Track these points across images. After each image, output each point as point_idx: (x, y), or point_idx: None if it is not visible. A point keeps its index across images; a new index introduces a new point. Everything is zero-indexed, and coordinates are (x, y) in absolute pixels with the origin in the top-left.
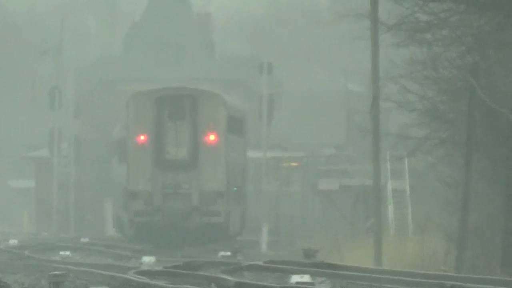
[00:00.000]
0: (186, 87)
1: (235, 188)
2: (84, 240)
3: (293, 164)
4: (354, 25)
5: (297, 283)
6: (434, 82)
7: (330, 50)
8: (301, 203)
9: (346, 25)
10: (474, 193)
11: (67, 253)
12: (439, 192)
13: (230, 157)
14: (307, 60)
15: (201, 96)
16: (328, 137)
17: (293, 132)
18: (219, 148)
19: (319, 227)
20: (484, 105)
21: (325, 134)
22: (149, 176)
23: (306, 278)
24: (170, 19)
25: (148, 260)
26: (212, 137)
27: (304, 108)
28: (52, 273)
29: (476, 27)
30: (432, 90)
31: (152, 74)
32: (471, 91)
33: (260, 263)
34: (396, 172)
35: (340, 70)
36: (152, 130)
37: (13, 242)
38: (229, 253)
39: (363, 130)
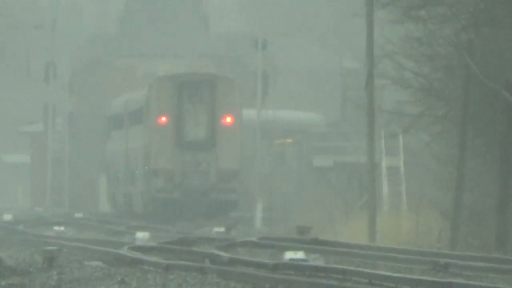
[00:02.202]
0: (204, 72)
1: None
2: (78, 215)
3: (288, 140)
4: (349, 1)
5: (291, 259)
6: (429, 59)
7: (325, 26)
8: (295, 180)
9: (341, 2)
10: (468, 171)
11: (61, 228)
12: (433, 170)
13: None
14: (302, 36)
15: (218, 81)
16: (322, 113)
17: (287, 108)
18: (235, 129)
19: (313, 203)
20: (479, 83)
21: (319, 110)
22: (170, 155)
23: (299, 254)
24: None
25: (142, 235)
26: (228, 119)
27: (298, 85)
28: (46, 248)
29: (471, 5)
30: (427, 67)
31: (147, 50)
32: (466, 68)
33: (254, 239)
34: (391, 149)
35: (335, 46)
36: (173, 112)
37: (7, 217)
38: (223, 229)
39: (358, 107)
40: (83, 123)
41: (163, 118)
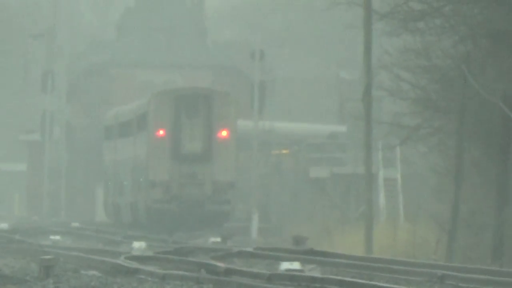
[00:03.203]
0: (201, 87)
1: None
2: (75, 224)
3: (284, 151)
4: (347, 12)
5: (287, 270)
6: (426, 71)
7: (322, 37)
8: (291, 191)
9: (338, 13)
10: (466, 183)
11: (58, 237)
12: (430, 181)
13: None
14: (300, 47)
15: (214, 95)
16: (320, 124)
17: (285, 119)
18: (230, 143)
19: (310, 214)
20: (476, 95)
21: (317, 121)
22: (167, 167)
23: (295, 265)
24: (163, 4)
25: (138, 245)
26: (224, 133)
27: (296, 95)
28: (42, 257)
29: (469, 17)
30: (424, 79)
31: (145, 59)
32: (463, 80)
33: (250, 249)
34: (388, 161)
35: (332, 57)
36: (170, 125)
37: (3, 225)
38: (219, 239)
39: (355, 118)
40: (80, 132)
41: (161, 132)
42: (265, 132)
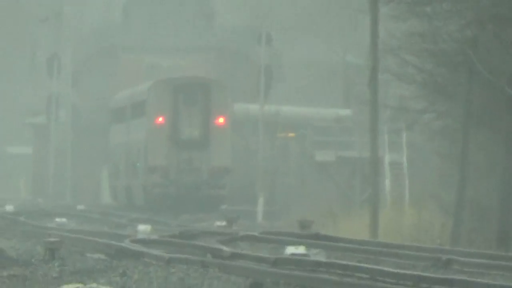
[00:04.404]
0: (199, 76)
1: None
2: (80, 207)
3: (290, 135)
4: None
5: (292, 254)
6: (433, 55)
7: (329, 21)
8: (297, 174)
9: None
10: (471, 167)
11: (63, 220)
12: (436, 165)
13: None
14: (306, 31)
15: (211, 84)
16: (326, 108)
17: (291, 103)
18: (226, 130)
19: (315, 198)
20: (482, 79)
21: (322, 105)
22: (166, 153)
23: (301, 249)
24: None
25: (143, 228)
26: (221, 120)
27: (302, 79)
28: (47, 239)
29: (475, 1)
30: (431, 63)
31: (152, 42)
32: (470, 64)
33: (256, 233)
34: (394, 145)
35: (338, 42)
36: (169, 113)
37: (9, 208)
38: (224, 223)
39: (361, 102)
40: (86, 115)
41: (160, 119)
42: (271, 116)
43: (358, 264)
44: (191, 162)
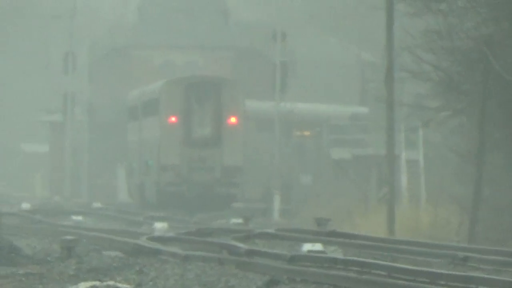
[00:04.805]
0: (211, 75)
1: None
2: (96, 205)
3: (306, 133)
4: None
5: (309, 251)
6: (449, 53)
7: (344, 18)
8: (313, 172)
9: None
10: (487, 164)
11: (79, 217)
12: (453, 163)
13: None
14: (321, 28)
15: (223, 83)
16: (342, 106)
17: (306, 100)
18: (238, 129)
19: (332, 196)
20: (498, 77)
21: (338, 103)
22: (178, 152)
23: (317, 246)
24: None
25: (160, 226)
26: (233, 119)
27: (317, 77)
28: (64, 237)
29: None
30: (447, 61)
31: (166, 40)
32: (485, 62)
33: (272, 231)
34: (410, 143)
35: (354, 39)
36: (182, 112)
37: (26, 206)
38: (241, 221)
39: (377, 100)
40: (102, 113)
41: (173, 118)
42: (286, 114)
43: (375, 261)
44: (203, 161)
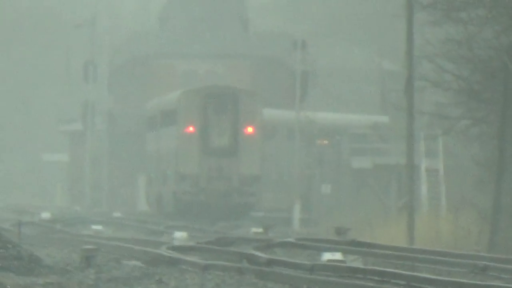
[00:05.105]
0: (228, 86)
1: None
2: (117, 214)
3: (325, 142)
4: (389, 3)
5: (329, 260)
6: (469, 62)
7: (365, 28)
8: (333, 181)
9: (381, 3)
10: (508, 173)
11: (99, 227)
12: (473, 172)
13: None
14: (341, 37)
15: (241, 94)
16: (362, 114)
17: (326, 109)
18: (256, 138)
19: (352, 205)
20: None
21: (359, 111)
22: (196, 162)
23: (337, 256)
24: None
25: (180, 235)
26: (250, 129)
27: (337, 86)
28: (84, 247)
29: (511, 7)
30: (467, 70)
31: (187, 49)
32: (506, 71)
33: (292, 240)
34: (430, 151)
35: (374, 48)
36: (199, 122)
37: (46, 215)
38: (261, 230)
39: (397, 109)
40: (122, 122)
41: (191, 128)
42: (307, 122)
43: (394, 271)
44: (221, 170)
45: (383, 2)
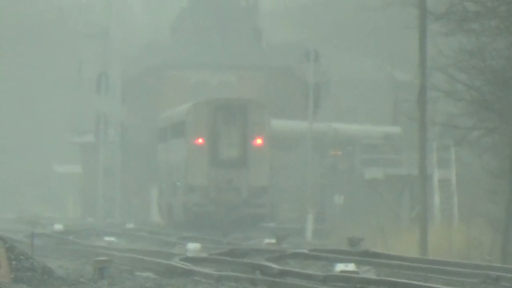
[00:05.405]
0: (237, 98)
1: None
2: (129, 226)
3: (338, 153)
4: (401, 13)
5: (342, 271)
6: (481, 72)
7: (377, 38)
8: (346, 192)
9: (393, 13)
10: None
11: (112, 238)
12: (485, 182)
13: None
14: (354, 48)
15: (249, 105)
16: (374, 125)
17: (339, 120)
18: (264, 150)
19: (364, 216)
20: None
21: (371, 122)
22: (206, 173)
23: (350, 266)
24: (217, 5)
25: (193, 247)
26: (259, 140)
27: (350, 97)
28: (97, 258)
29: None
30: (479, 80)
31: (200, 60)
32: None
33: (305, 251)
34: (443, 162)
35: (387, 58)
36: (208, 134)
37: (58, 227)
38: (274, 241)
39: (410, 119)
40: (134, 133)
41: (200, 140)
42: (319, 133)
43: (407, 281)
44: (230, 182)
45: (395, 12)
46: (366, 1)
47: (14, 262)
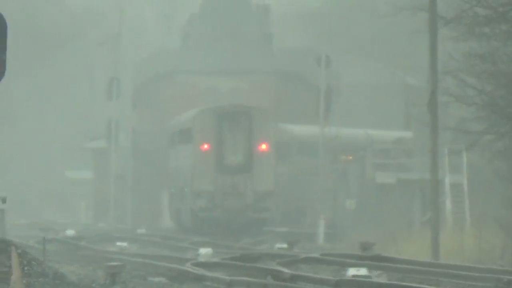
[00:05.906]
0: (242, 105)
1: None
2: (141, 231)
3: (349, 157)
4: (412, 18)
5: (354, 276)
6: (492, 77)
7: (387, 43)
8: (357, 196)
9: (404, 18)
10: None
11: (124, 244)
12: (497, 187)
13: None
14: (365, 53)
15: (254, 112)
16: (386, 130)
17: (350, 125)
18: (269, 155)
19: (376, 220)
20: None
21: (382, 127)
22: (211, 179)
23: (362, 271)
24: (228, 10)
25: (205, 251)
26: (264, 146)
27: (361, 101)
28: (108, 264)
29: None
30: (490, 84)
31: (210, 65)
32: None
33: (317, 255)
34: (454, 166)
35: (398, 63)
36: (214, 140)
37: (70, 232)
38: (285, 246)
39: (421, 124)
40: (145, 139)
41: (206, 146)
42: (331, 138)
43: (419, 286)
44: (235, 187)
45: (406, 17)
46: (377, 7)
47: (26, 268)
